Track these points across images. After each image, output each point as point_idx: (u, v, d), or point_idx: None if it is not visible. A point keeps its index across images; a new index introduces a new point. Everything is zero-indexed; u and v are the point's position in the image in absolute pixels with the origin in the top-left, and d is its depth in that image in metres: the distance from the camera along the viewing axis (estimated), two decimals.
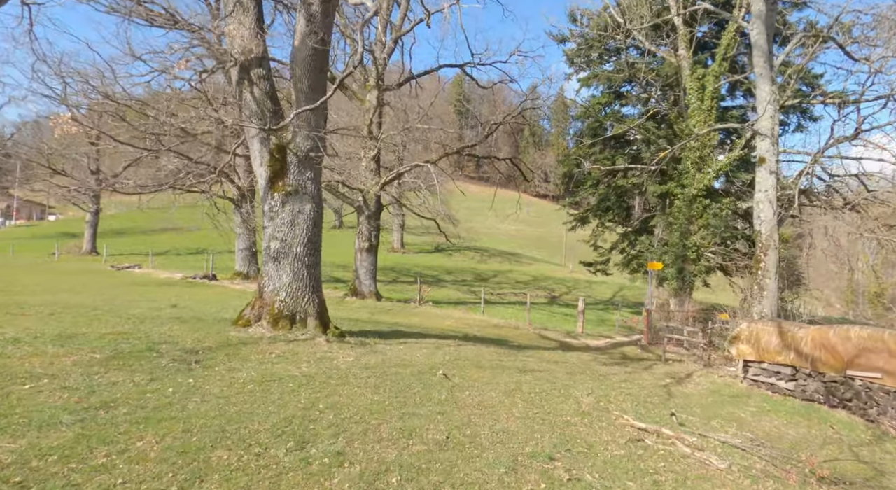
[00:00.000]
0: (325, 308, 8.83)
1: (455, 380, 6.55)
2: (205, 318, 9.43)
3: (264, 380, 5.32)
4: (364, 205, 20.31)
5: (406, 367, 6.83)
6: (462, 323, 17.23)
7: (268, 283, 8.42)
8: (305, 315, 8.36)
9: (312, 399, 4.91)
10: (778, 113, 10.88)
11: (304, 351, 6.98)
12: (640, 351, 15.95)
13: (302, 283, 8.41)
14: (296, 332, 7.98)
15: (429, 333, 11.89)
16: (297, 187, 8.56)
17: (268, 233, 8.56)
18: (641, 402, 7.18)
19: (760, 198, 10.74)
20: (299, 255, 8.43)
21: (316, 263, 8.68)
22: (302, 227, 8.50)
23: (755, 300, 10.74)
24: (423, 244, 48.64)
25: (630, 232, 25.21)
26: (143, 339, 6.60)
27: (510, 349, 10.81)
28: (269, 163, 8.56)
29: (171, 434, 3.63)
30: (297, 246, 8.44)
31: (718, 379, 9.55)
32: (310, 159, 8.59)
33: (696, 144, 18.47)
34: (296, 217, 8.50)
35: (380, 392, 5.45)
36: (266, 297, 8.36)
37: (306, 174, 8.63)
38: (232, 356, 6.19)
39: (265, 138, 8.61)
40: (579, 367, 9.45)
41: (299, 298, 8.36)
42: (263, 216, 8.70)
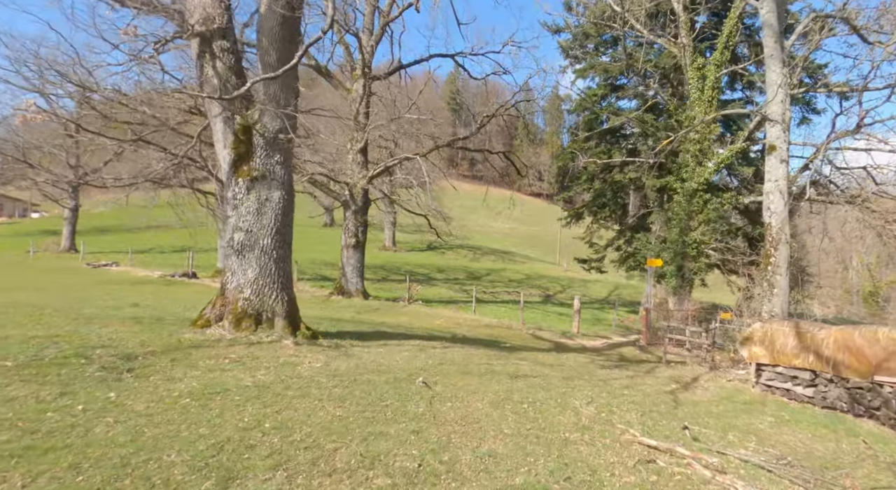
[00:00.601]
0: (296, 306, 7.97)
1: (437, 388, 5.72)
2: (165, 318, 8.54)
3: (206, 392, 4.46)
4: (350, 199, 19.43)
5: (381, 374, 5.99)
6: (452, 322, 16.41)
7: (231, 278, 7.54)
8: (273, 314, 7.49)
9: (259, 416, 4.05)
10: (789, 97, 10.14)
11: (265, 355, 6.12)
12: (638, 352, 15.21)
13: (269, 279, 7.54)
14: (260, 334, 7.11)
15: (414, 334, 11.06)
16: (265, 172, 7.68)
17: (231, 223, 7.69)
18: (647, 411, 6.38)
19: (770, 188, 9.99)
20: (266, 248, 7.56)
21: (285, 257, 7.81)
22: (269, 217, 7.63)
23: (764, 298, 10.00)
24: (415, 242, 47.79)
25: (626, 228, 24.49)
26: (76, 342, 5.72)
27: (501, 351, 10.00)
28: (233, 145, 7.68)
29: (50, 471, 2.77)
30: (264, 237, 7.57)
31: (727, 383, 8.79)
32: (278, 141, 7.72)
33: (697, 137, 17.74)
34: (262, 205, 7.63)
35: (345, 405, 4.61)
36: (229, 295, 7.48)
37: (274, 158, 7.76)
38: (177, 362, 5.32)
39: (229, 118, 7.73)
40: (576, 371, 8.65)
41: (266, 296, 7.49)
42: (227, 204, 7.82)
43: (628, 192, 25.09)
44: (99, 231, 45.48)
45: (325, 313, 13.51)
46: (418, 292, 22.90)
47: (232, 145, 7.68)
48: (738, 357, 10.56)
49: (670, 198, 21.70)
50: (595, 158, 22.62)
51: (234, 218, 7.64)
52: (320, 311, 14.60)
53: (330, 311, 14.60)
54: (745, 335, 8.29)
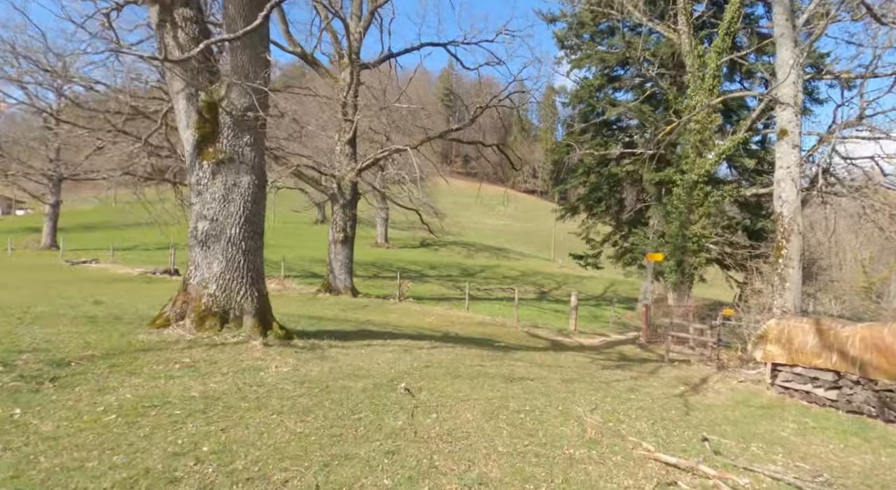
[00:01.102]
0: (268, 303, 7.22)
1: (421, 396, 5.00)
2: (125, 317, 7.77)
3: (140, 406, 3.71)
4: (338, 193, 18.65)
5: (358, 380, 5.26)
6: (444, 320, 15.69)
7: (194, 272, 6.78)
8: (241, 312, 6.73)
9: (198, 436, 3.31)
10: (801, 79, 9.49)
11: (226, 359, 5.37)
12: (639, 350, 14.57)
13: (237, 273, 6.78)
14: (226, 334, 6.36)
15: (402, 333, 10.33)
16: (232, 155, 6.91)
17: (195, 211, 6.92)
18: (658, 419, 5.70)
19: (782, 176, 9.34)
20: (233, 239, 6.80)
21: (255, 249, 7.06)
22: (238, 204, 6.87)
23: (775, 293, 9.36)
24: (408, 239, 47.00)
25: (623, 223, 23.85)
26: (4, 345, 4.94)
27: (495, 351, 9.30)
28: (197, 124, 6.91)
29: None
30: (231, 227, 6.81)
31: (739, 385, 8.14)
32: (247, 120, 6.95)
33: (697, 127, 17.10)
34: (230, 191, 6.86)
35: (308, 420, 3.87)
36: (191, 291, 6.72)
37: (243, 139, 6.99)
38: (116, 369, 4.56)
39: (192, 95, 6.95)
40: (577, 373, 7.97)
41: (233, 292, 6.73)
42: (190, 191, 7.05)
43: (625, 187, 24.47)
44: (84, 228, 44.32)
45: (307, 311, 12.75)
46: (409, 289, 22.17)
47: (195, 125, 6.90)
48: (746, 356, 9.91)
49: (669, 191, 21.09)
50: (592, 150, 21.95)
51: (197, 205, 6.87)
52: (303, 308, 13.85)
53: (314, 309, 13.84)
54: (760, 333, 7.63)
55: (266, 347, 6.12)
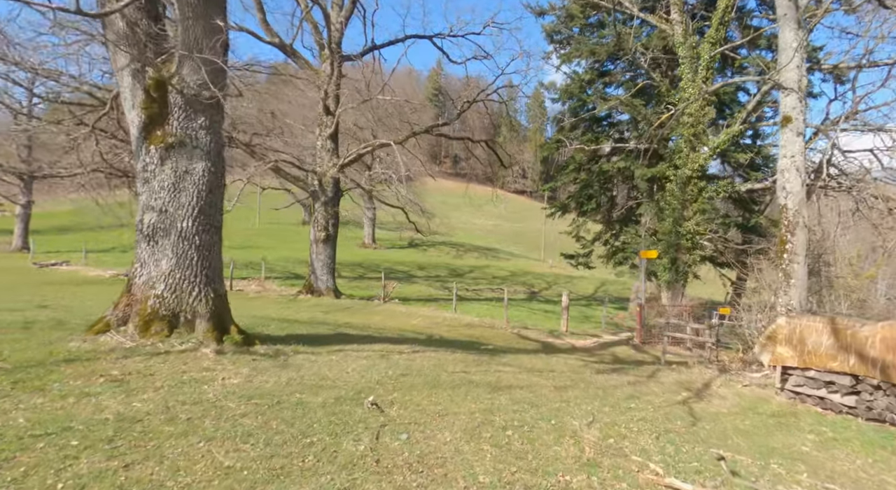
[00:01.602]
0: (226, 305, 6.45)
1: (391, 411, 4.28)
2: (68, 323, 6.94)
3: (27, 435, 2.95)
4: (320, 190, 17.86)
5: (320, 392, 4.53)
6: (429, 322, 14.97)
7: (140, 271, 5.99)
8: (193, 315, 5.96)
9: (89, 477, 2.57)
10: (805, 63, 8.93)
11: (166, 370, 4.61)
12: (633, 351, 13.96)
13: (189, 272, 6.01)
14: (173, 340, 5.59)
15: (382, 336, 9.60)
16: (184, 138, 6.15)
17: (141, 201, 6.14)
18: (663, 432, 5.05)
19: (786, 165, 8.77)
20: (186, 233, 6.03)
21: (212, 244, 6.28)
22: (191, 194, 6.10)
23: (780, 290, 8.77)
24: (396, 239, 46.22)
25: (614, 221, 23.32)
26: None
27: (482, 355, 8.61)
28: (144, 104, 6.13)
29: None
30: (183, 219, 6.04)
31: (745, 390, 7.53)
32: (202, 100, 6.18)
33: (690, 120, 16.59)
34: (181, 179, 6.09)
35: (244, 448, 3.14)
36: (136, 292, 5.94)
37: (197, 120, 6.23)
38: (21, 385, 3.79)
39: (138, 71, 6.17)
40: (570, 379, 7.30)
41: (184, 292, 5.96)
42: (137, 179, 6.27)
43: (616, 184, 23.96)
44: (58, 230, 42.91)
45: (283, 313, 11.96)
46: (395, 290, 21.43)
47: (142, 105, 6.13)
48: (749, 357, 9.34)
49: (661, 188, 20.60)
50: (583, 146, 21.40)
51: (144, 195, 6.09)
52: (280, 311, 13.05)
53: (291, 312, 13.05)
54: (768, 334, 7.02)
55: (218, 355, 5.37)
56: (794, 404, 6.71)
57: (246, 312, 10.96)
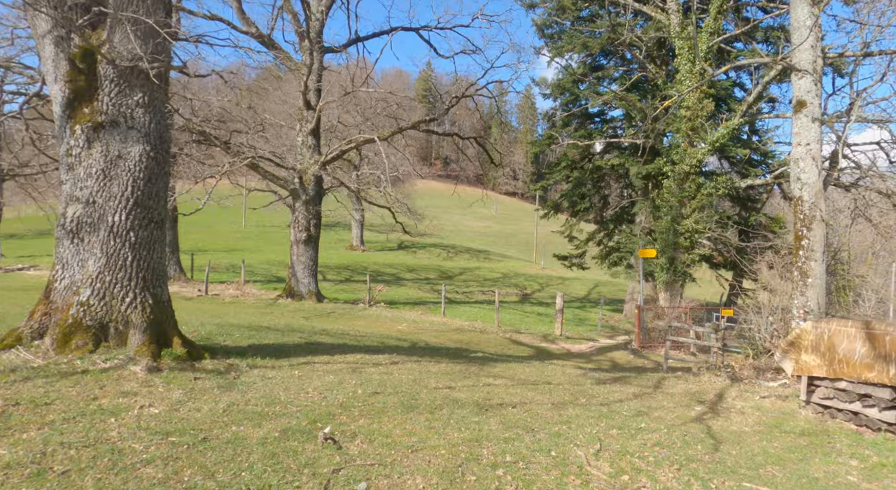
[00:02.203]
0: (169, 313, 5.52)
1: (352, 447, 3.40)
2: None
3: None
4: (301, 188, 16.92)
5: (264, 423, 3.64)
6: (416, 327, 14.09)
7: (61, 274, 5.06)
8: (125, 326, 5.03)
9: None
10: (820, 43, 8.21)
11: (71, 397, 3.70)
12: (632, 356, 13.18)
13: (122, 274, 5.08)
14: (97, 357, 4.66)
15: (360, 345, 8.70)
16: (116, 117, 5.23)
17: (64, 191, 5.21)
18: (684, 461, 4.21)
19: (801, 154, 8.02)
20: (118, 228, 5.11)
21: (151, 242, 5.36)
22: (124, 182, 5.18)
23: (795, 290, 8.01)
24: (385, 242, 45.29)
25: (608, 220, 22.59)
26: None
27: (470, 364, 7.74)
28: (68, 76, 5.21)
29: None
30: (115, 212, 5.12)
31: (764, 402, 6.73)
32: (139, 72, 5.28)
33: (688, 114, 15.90)
34: (112, 165, 5.17)
35: None
36: (56, 298, 5.00)
37: (133, 97, 5.31)
38: None
39: (62, 38, 5.25)
40: (569, 392, 6.46)
41: (115, 299, 5.03)
42: (60, 165, 5.34)
43: (610, 182, 23.27)
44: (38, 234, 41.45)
45: (255, 320, 11.01)
46: (382, 293, 20.53)
47: (66, 77, 5.20)
48: (760, 363, 8.57)
49: (657, 185, 19.92)
50: (576, 141, 20.69)
51: (68, 184, 5.16)
52: (254, 317, 12.09)
53: (266, 318, 12.09)
54: (790, 339, 6.23)
55: (150, 374, 4.45)
56: (824, 420, 5.91)
57: (212, 319, 10.01)
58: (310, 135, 17.17)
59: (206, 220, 52.91)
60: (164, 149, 5.57)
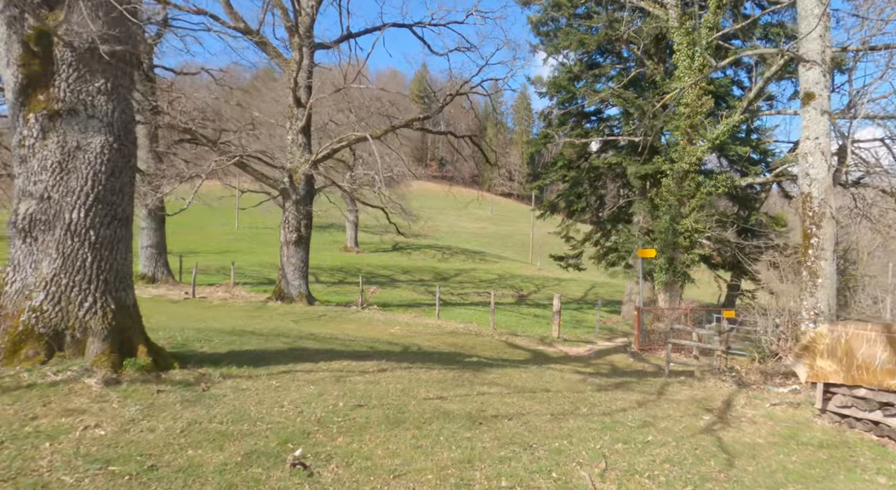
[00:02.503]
0: (134, 319, 5.06)
1: (325, 474, 2.97)
2: None
3: None
4: (291, 187, 16.45)
5: (227, 445, 3.20)
6: (409, 330, 13.65)
7: (12, 276, 4.60)
8: (83, 334, 4.58)
9: None
10: (829, 32, 7.86)
11: (5, 415, 3.26)
12: (632, 360, 12.80)
13: (80, 276, 4.63)
14: (49, 368, 4.20)
15: (348, 350, 8.25)
16: (75, 105, 4.78)
17: (17, 186, 4.75)
18: (698, 481, 3.81)
19: (809, 148, 7.66)
20: (76, 227, 4.66)
21: (114, 241, 4.91)
22: (84, 176, 4.73)
23: (804, 291, 7.64)
24: (380, 243, 44.78)
25: (605, 220, 22.24)
26: None
27: (464, 370, 7.32)
28: (21, 59, 4.76)
29: None
30: (73, 209, 4.67)
31: (775, 410, 6.35)
32: (100, 55, 4.84)
33: (687, 111, 15.58)
34: (70, 157, 4.72)
35: None
36: (6, 303, 4.54)
37: (95, 83, 4.87)
38: None
39: (15, 19, 4.80)
40: (569, 400, 6.05)
41: (73, 304, 4.58)
42: (13, 157, 4.89)
43: (606, 181, 22.92)
44: None
45: (242, 323, 10.55)
46: (375, 295, 20.08)
47: (19, 60, 4.75)
48: (767, 367, 8.19)
49: (655, 184, 19.59)
50: (573, 139, 20.36)
51: (21, 178, 4.71)
52: (240, 320, 11.63)
53: (250, 321, 11.63)
54: (804, 343, 5.86)
55: (107, 388, 4.01)
56: (842, 430, 5.53)
57: (194, 324, 9.55)
58: (300, 133, 16.72)
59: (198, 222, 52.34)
60: (129, 140, 5.13)
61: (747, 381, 7.98)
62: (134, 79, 5.35)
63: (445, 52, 20.56)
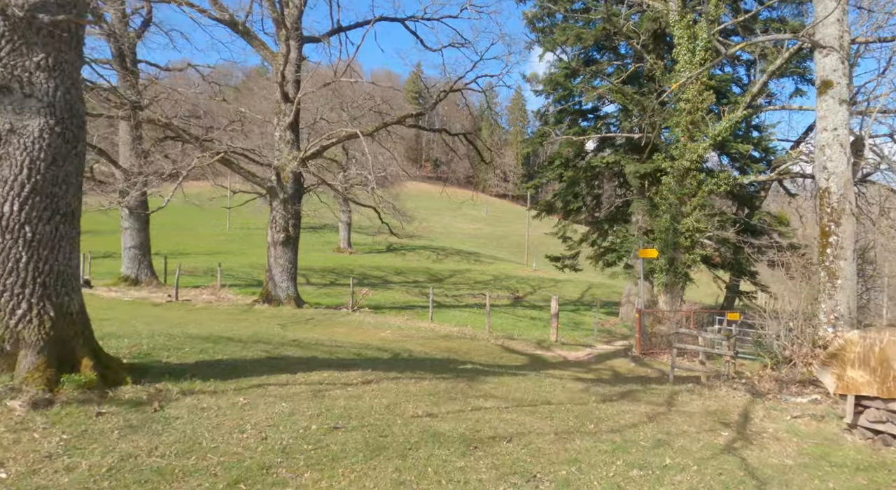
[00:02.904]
0: (80, 327, 4.42)
1: None
2: None
3: None
4: (278, 185, 15.80)
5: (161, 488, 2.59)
6: (401, 334, 13.04)
7: None
8: (15, 345, 3.94)
9: None
10: (847, 16, 7.35)
11: None
12: (633, 365, 12.25)
13: (12, 279, 4.00)
14: None
15: (332, 358, 7.64)
16: (9, 82, 4.15)
17: None
18: None
19: (827, 140, 7.14)
20: (8, 222, 4.03)
21: (55, 239, 4.27)
22: (18, 163, 4.11)
23: (822, 293, 7.11)
24: (373, 244, 44.12)
25: (602, 220, 21.73)
26: None
27: (458, 380, 6.72)
28: None
29: None
30: (5, 202, 4.04)
31: (797, 423, 5.80)
32: (41, 27, 4.21)
33: (688, 107, 15.07)
34: (1, 143, 4.10)
35: None
36: None
37: (33, 58, 4.24)
38: None
39: None
40: (573, 415, 5.47)
41: (2, 311, 3.95)
42: None
43: (604, 181, 22.43)
44: None
45: (220, 328, 9.90)
46: (366, 297, 19.45)
47: None
48: (782, 375, 7.65)
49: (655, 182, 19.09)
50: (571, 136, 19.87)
51: None
52: (220, 324, 10.98)
53: (233, 325, 10.98)
54: (832, 350, 5.32)
55: (32, 411, 3.39)
56: (876, 448, 4.98)
57: (169, 329, 8.91)
58: (288, 129, 16.08)
59: (189, 223, 51.47)
60: (75, 124, 4.50)
61: (761, 389, 7.43)
62: (81, 54, 4.72)
63: (439, 48, 20.01)
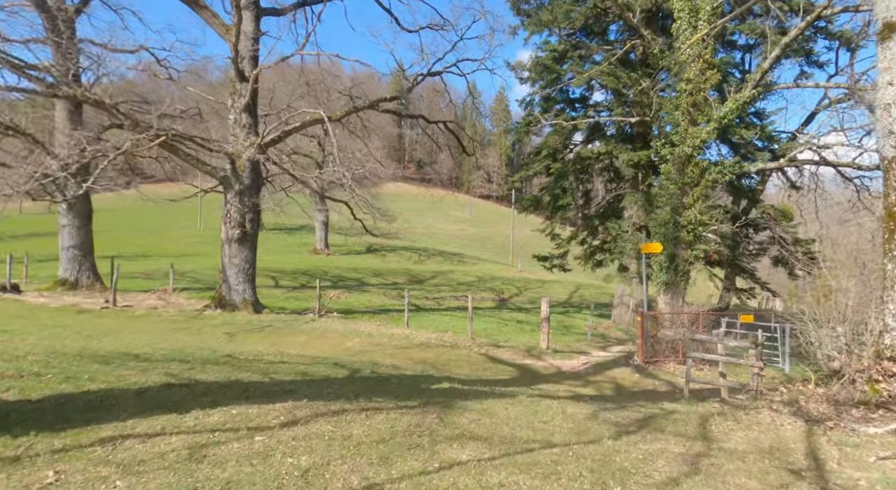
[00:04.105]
0: None
1: None
2: None
3: None
4: (233, 175, 13.93)
5: None
6: (370, 343, 11.28)
7: None
8: None
9: None
10: None
11: None
12: (638, 376, 10.66)
13: None
14: None
15: (265, 380, 5.86)
16: None
17: None
18: None
19: (893, 97, 5.64)
20: None
21: None
22: None
23: (890, 291, 5.61)
24: (353, 245, 42.15)
25: (593, 216, 20.26)
26: None
27: (427, 410, 5.02)
28: None
29: None
30: None
31: (887, 468, 4.26)
32: None
33: (689, 88, 13.65)
34: None
35: None
36: None
37: None
38: None
39: None
40: (586, 468, 3.81)
41: None
42: None
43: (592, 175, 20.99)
44: None
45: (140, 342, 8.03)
46: (338, 301, 17.63)
47: None
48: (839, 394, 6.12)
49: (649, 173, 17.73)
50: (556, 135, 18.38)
51: None
52: (150, 336, 9.08)
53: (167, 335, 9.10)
54: None
55: None
56: None
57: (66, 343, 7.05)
58: (244, 111, 14.23)
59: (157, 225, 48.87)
60: None
61: (812, 412, 5.88)
62: None
63: (417, 29, 18.35)
